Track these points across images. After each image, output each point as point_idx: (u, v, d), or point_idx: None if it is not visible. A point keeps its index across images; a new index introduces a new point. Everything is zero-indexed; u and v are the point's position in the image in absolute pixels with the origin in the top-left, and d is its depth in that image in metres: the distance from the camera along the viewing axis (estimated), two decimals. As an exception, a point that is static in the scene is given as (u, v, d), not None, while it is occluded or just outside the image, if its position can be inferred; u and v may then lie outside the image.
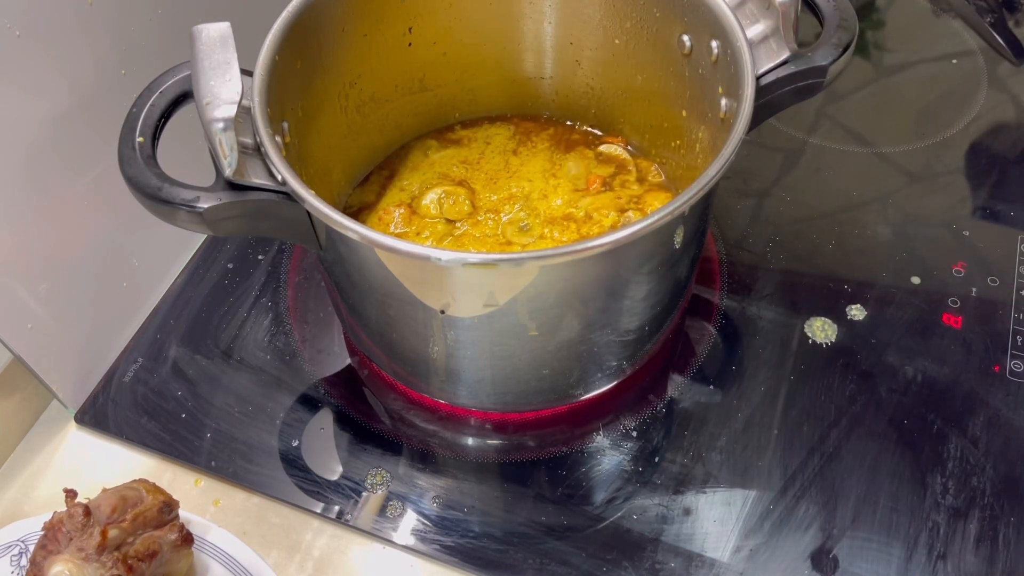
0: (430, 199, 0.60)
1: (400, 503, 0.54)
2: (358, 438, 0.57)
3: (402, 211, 0.60)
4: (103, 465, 0.57)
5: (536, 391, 0.54)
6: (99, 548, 0.45)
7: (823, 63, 0.49)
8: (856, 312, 0.62)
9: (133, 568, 0.46)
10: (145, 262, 0.63)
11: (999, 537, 0.52)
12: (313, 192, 0.43)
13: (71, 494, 0.48)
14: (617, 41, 0.59)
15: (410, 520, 0.54)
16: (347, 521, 0.54)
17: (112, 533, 0.46)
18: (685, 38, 0.53)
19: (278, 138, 0.46)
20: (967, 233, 0.66)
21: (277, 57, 0.49)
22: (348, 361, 0.61)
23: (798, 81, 0.49)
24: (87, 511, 0.46)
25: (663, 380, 0.59)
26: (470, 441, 0.57)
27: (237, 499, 0.55)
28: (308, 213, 0.44)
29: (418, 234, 0.59)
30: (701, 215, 0.50)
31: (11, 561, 0.50)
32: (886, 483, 0.54)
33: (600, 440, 0.57)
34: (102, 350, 0.61)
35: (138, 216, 0.46)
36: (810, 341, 0.61)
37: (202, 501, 0.55)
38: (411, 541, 0.53)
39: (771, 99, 0.49)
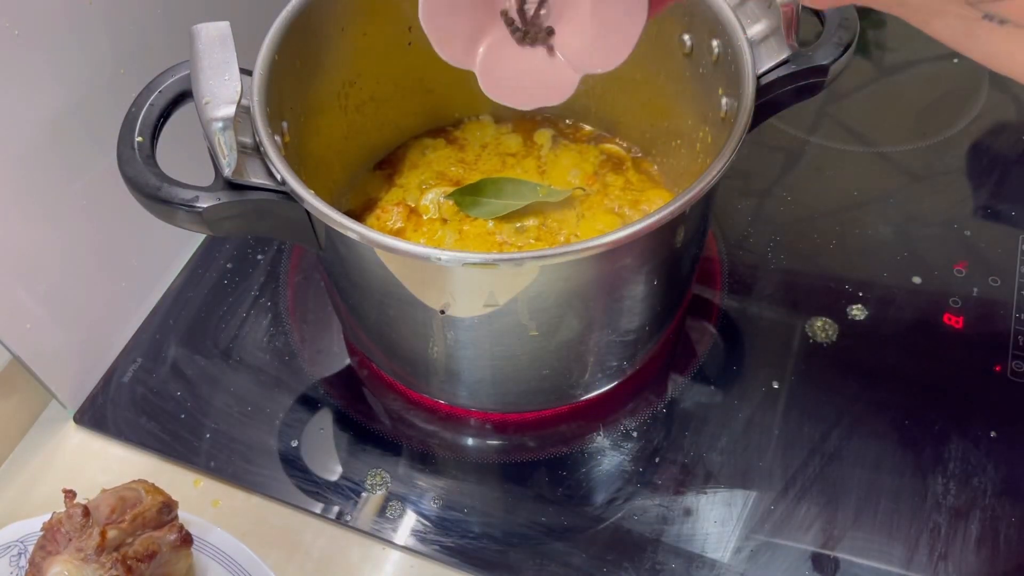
0: (429, 198, 0.60)
1: (400, 504, 0.54)
2: (358, 438, 0.57)
3: (400, 210, 0.60)
4: (102, 465, 0.57)
5: (536, 391, 0.54)
6: (98, 549, 0.45)
7: (824, 62, 0.49)
8: (857, 312, 0.62)
9: (132, 569, 0.45)
10: (144, 262, 0.63)
11: (1000, 538, 0.52)
12: (312, 192, 0.43)
13: (70, 495, 0.47)
14: (617, 40, 0.58)
15: (410, 521, 0.53)
16: (347, 522, 0.53)
17: (111, 534, 0.46)
18: (686, 37, 0.53)
19: (277, 137, 0.46)
20: (968, 233, 0.66)
21: (276, 56, 0.48)
22: (348, 361, 0.61)
23: (799, 80, 0.49)
24: (86, 511, 0.46)
25: (663, 380, 0.59)
26: (470, 441, 0.57)
27: (236, 500, 0.55)
28: (307, 213, 0.44)
29: (416, 231, 0.59)
30: (701, 215, 0.50)
31: (10, 562, 0.50)
32: (887, 483, 0.54)
33: (600, 440, 0.56)
34: (101, 350, 0.61)
35: (137, 216, 0.46)
36: (811, 341, 0.60)
37: (201, 502, 0.55)
38: (411, 542, 0.53)
39: (772, 98, 0.49)
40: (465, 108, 0.66)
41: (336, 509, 0.54)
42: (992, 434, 0.56)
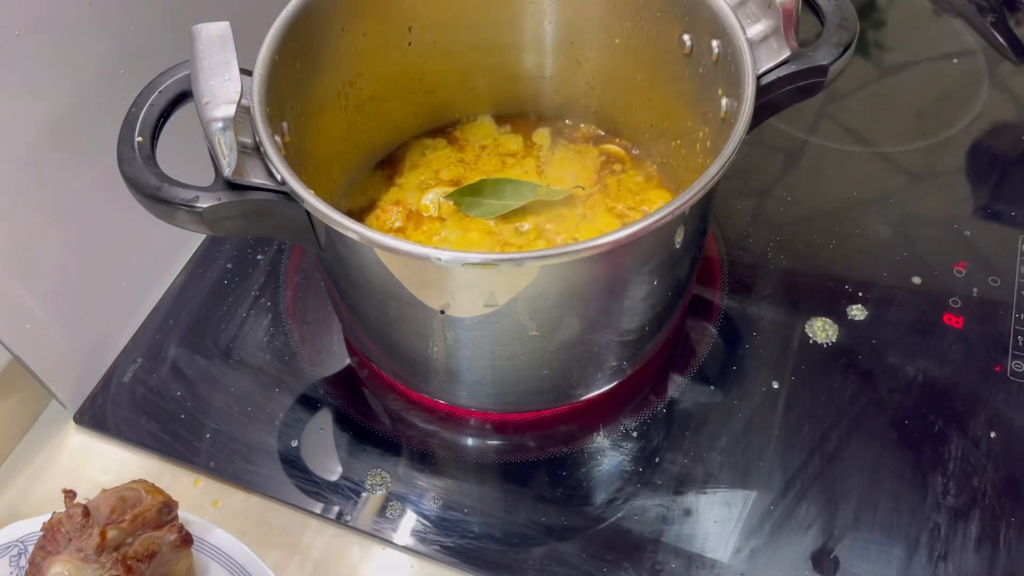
0: (429, 198, 0.60)
1: (400, 503, 0.54)
2: (358, 438, 0.57)
3: (400, 210, 0.60)
4: (102, 465, 0.57)
5: (536, 391, 0.54)
6: (98, 549, 0.45)
7: (824, 62, 0.49)
8: (857, 312, 0.62)
9: (132, 569, 0.46)
10: (144, 262, 0.63)
11: (1000, 538, 0.52)
12: (312, 192, 0.43)
13: (70, 495, 0.47)
14: (617, 40, 0.59)
15: (410, 521, 0.54)
16: (347, 522, 0.53)
17: (111, 534, 0.46)
18: (685, 37, 0.53)
19: (277, 138, 0.46)
20: (968, 233, 0.66)
21: (276, 57, 0.48)
22: (348, 361, 0.61)
23: (799, 81, 0.49)
24: (86, 512, 0.46)
25: (663, 380, 0.59)
26: (470, 441, 0.57)
27: (236, 500, 0.55)
28: (307, 213, 0.44)
29: (416, 231, 0.59)
30: (702, 215, 0.50)
31: (10, 562, 0.50)
32: (887, 483, 0.54)
33: (600, 440, 0.56)
34: (101, 350, 0.61)
35: (137, 216, 0.46)
36: (811, 341, 0.60)
37: (201, 502, 0.55)
38: (411, 542, 0.53)
39: (772, 99, 0.49)
40: (465, 108, 0.66)
41: (336, 509, 0.54)
42: (992, 434, 0.56)
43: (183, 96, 0.47)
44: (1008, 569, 0.50)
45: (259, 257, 0.67)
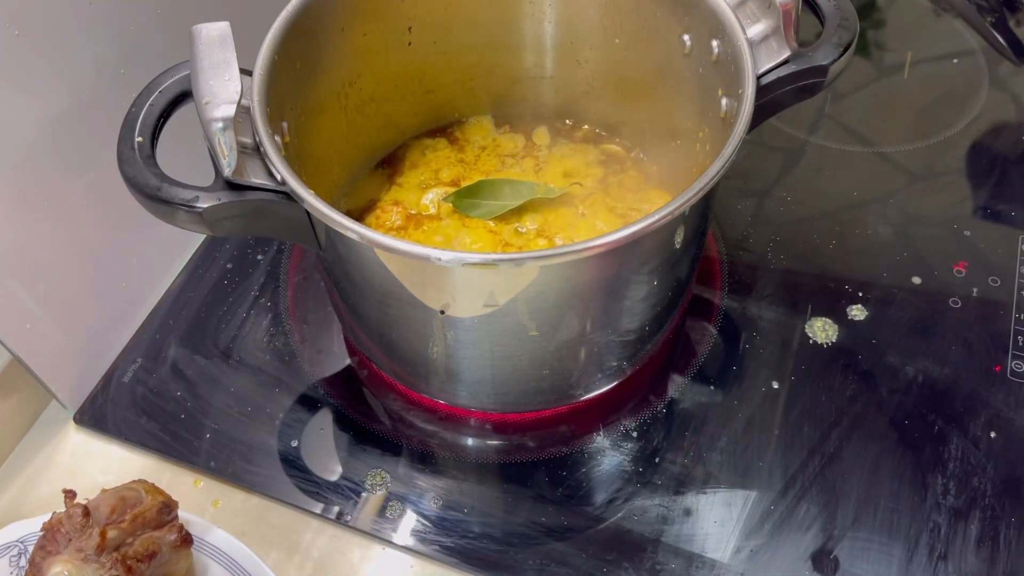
0: (429, 198, 0.60)
1: (400, 504, 0.54)
2: (357, 438, 0.57)
3: (400, 210, 0.60)
4: (102, 465, 0.57)
5: (536, 391, 0.54)
6: (98, 549, 0.45)
7: (824, 62, 0.49)
8: (857, 312, 0.62)
9: (132, 569, 0.46)
10: (144, 262, 0.63)
11: (1000, 538, 0.52)
12: (312, 192, 0.43)
13: (70, 495, 0.47)
14: (617, 40, 0.59)
15: (410, 521, 0.54)
16: (347, 522, 0.53)
17: (111, 534, 0.46)
18: (685, 38, 0.53)
19: (277, 138, 0.46)
20: (968, 233, 0.66)
21: (276, 57, 0.48)
22: (348, 361, 0.61)
23: (799, 81, 0.49)
24: (86, 512, 0.46)
25: (663, 380, 0.59)
26: (470, 441, 0.57)
27: (236, 499, 0.55)
28: (307, 213, 0.44)
29: (416, 231, 0.59)
30: (701, 215, 0.50)
31: (10, 562, 0.50)
32: (887, 483, 0.54)
33: (600, 441, 0.56)
34: (101, 350, 0.61)
35: (137, 216, 0.46)
36: (811, 341, 0.60)
37: (201, 502, 0.55)
38: (411, 542, 0.53)
39: (772, 99, 0.49)
40: (465, 108, 0.66)
41: (336, 509, 0.54)
42: (992, 434, 0.56)
43: (183, 96, 0.47)
44: (1008, 569, 0.50)
45: (259, 257, 0.67)
